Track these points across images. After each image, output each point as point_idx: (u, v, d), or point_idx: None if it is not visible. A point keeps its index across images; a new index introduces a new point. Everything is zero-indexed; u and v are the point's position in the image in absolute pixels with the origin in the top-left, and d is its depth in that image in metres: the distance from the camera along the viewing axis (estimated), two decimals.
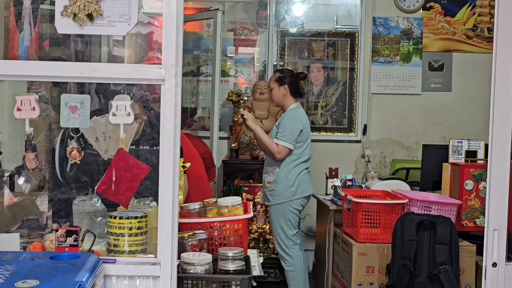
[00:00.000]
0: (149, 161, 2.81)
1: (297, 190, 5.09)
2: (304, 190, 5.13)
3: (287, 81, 5.25)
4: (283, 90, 5.23)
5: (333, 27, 7.15)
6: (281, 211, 5.08)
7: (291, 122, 5.08)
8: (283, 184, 5.07)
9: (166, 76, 2.63)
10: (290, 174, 5.07)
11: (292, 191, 5.07)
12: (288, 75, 5.30)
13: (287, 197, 5.07)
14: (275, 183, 5.08)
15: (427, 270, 3.97)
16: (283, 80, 5.25)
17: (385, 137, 7.12)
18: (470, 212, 4.36)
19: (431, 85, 7.10)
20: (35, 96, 2.76)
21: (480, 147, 4.59)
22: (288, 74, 5.31)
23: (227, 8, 7.18)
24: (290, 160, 5.07)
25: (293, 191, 5.08)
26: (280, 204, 5.08)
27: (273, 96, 5.31)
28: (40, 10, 3.07)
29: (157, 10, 2.78)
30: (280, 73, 5.36)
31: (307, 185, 5.17)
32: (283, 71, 5.40)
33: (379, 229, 4.36)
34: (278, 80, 5.27)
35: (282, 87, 5.23)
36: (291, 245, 5.11)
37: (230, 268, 2.95)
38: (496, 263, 2.93)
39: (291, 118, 5.11)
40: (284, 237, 5.10)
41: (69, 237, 2.60)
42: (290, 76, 5.29)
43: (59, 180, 3.09)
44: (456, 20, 7.07)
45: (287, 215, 5.07)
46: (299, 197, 5.11)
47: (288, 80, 5.25)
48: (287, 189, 5.07)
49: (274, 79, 5.33)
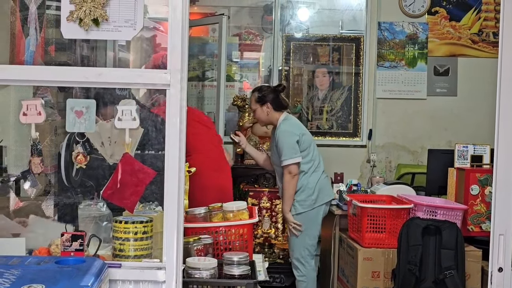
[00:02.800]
0: (155, 165, 2.81)
1: (318, 198, 4.96)
2: (325, 196, 4.99)
3: (268, 99, 5.08)
4: (266, 109, 5.08)
5: (338, 31, 7.15)
6: (302, 220, 4.93)
7: (285, 138, 4.89)
8: (304, 194, 4.94)
9: (171, 81, 2.63)
10: (309, 182, 4.95)
11: (313, 199, 4.94)
12: (267, 92, 5.13)
13: (308, 205, 4.94)
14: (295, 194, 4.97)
15: (432, 275, 3.96)
16: (263, 99, 5.09)
17: (390, 142, 7.11)
18: (476, 217, 4.35)
19: (437, 90, 7.10)
20: (41, 101, 2.77)
21: (485, 152, 4.58)
22: (267, 92, 5.14)
23: (232, 13, 7.19)
24: (305, 169, 4.94)
25: (314, 199, 4.95)
26: (301, 214, 4.95)
27: (258, 117, 5.19)
28: (46, 15, 3.08)
29: (162, 15, 2.79)
30: (259, 92, 5.17)
31: (328, 190, 5.03)
32: (261, 90, 5.21)
33: (384, 234, 4.36)
34: (259, 100, 5.12)
35: (264, 106, 5.08)
36: (307, 255, 4.91)
37: (235, 273, 2.95)
38: (502, 268, 2.92)
39: (284, 133, 4.92)
40: (302, 247, 4.90)
41: (75, 242, 2.60)
42: (269, 92, 5.13)
43: (64, 184, 3.10)
44: (462, 24, 7.06)
45: (309, 225, 4.96)
46: (321, 203, 4.98)
47: (268, 97, 5.09)
48: (307, 198, 4.93)
49: (254, 100, 5.16)
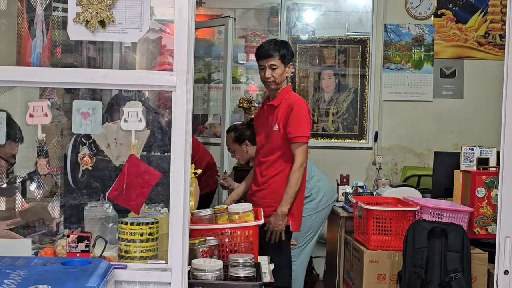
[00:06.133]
0: (160, 167, 2.81)
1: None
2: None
3: (245, 136, 5.10)
4: (245, 147, 5.10)
5: (344, 33, 7.16)
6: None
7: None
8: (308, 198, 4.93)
9: (177, 83, 2.63)
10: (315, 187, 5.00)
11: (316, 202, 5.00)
12: (243, 130, 5.14)
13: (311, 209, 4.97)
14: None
15: (438, 278, 3.95)
16: (241, 138, 5.11)
17: (396, 144, 7.10)
18: (482, 219, 4.34)
19: (443, 92, 7.09)
20: (47, 102, 2.77)
21: (492, 154, 4.57)
22: (243, 129, 5.15)
23: (238, 15, 7.20)
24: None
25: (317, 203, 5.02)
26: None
27: (239, 156, 5.20)
28: (52, 17, 3.08)
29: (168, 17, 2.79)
30: (235, 132, 5.18)
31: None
32: (237, 129, 5.21)
33: (390, 236, 4.35)
34: (236, 140, 5.13)
35: (243, 144, 5.10)
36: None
37: (241, 275, 2.95)
38: (508, 270, 2.91)
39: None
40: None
41: (81, 243, 2.60)
42: (245, 129, 5.14)
43: (70, 186, 3.10)
44: (468, 27, 7.05)
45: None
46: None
47: (245, 135, 5.11)
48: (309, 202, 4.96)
49: (232, 141, 5.16)
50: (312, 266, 6.24)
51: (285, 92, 4.29)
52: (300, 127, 4.15)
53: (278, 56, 4.30)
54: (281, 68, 4.31)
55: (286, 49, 4.36)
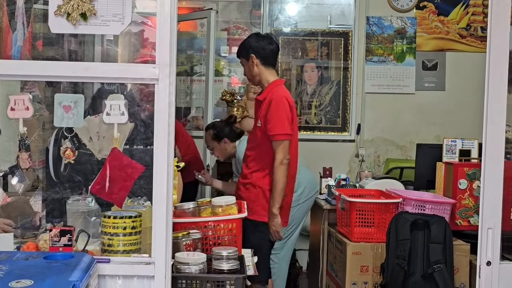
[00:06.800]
0: (143, 160, 2.81)
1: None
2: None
3: (223, 134, 5.08)
4: (224, 144, 5.08)
5: (327, 26, 7.16)
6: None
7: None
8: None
9: (160, 76, 2.63)
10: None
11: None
12: (222, 127, 5.13)
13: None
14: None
15: (421, 269, 3.97)
16: (219, 136, 5.09)
17: (379, 136, 7.13)
18: (464, 211, 4.37)
19: (425, 84, 7.12)
20: (29, 95, 2.76)
21: (473, 146, 4.60)
22: (221, 127, 5.13)
23: (220, 7, 7.18)
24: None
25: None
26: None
27: (218, 154, 5.18)
28: (33, 9, 3.06)
29: (150, 10, 2.78)
30: (213, 129, 5.15)
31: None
32: (215, 126, 5.19)
33: (373, 228, 4.36)
34: (215, 137, 5.11)
35: (222, 141, 5.08)
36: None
37: (225, 268, 2.95)
38: (491, 262, 2.93)
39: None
40: None
41: (63, 237, 2.59)
42: (224, 127, 5.13)
43: (53, 179, 3.09)
44: (450, 19, 7.08)
45: None
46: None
47: (224, 132, 5.09)
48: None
49: (210, 138, 5.14)
50: (295, 259, 6.25)
51: (271, 87, 4.24)
52: (279, 125, 4.10)
53: (240, 55, 4.33)
54: (246, 64, 4.30)
55: (242, 44, 4.34)
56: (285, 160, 4.10)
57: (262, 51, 4.26)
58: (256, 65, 4.26)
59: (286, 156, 4.11)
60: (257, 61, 4.25)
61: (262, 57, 4.26)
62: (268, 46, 4.28)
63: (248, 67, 4.29)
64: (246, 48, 4.29)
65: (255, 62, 4.25)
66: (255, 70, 4.27)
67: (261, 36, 4.41)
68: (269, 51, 4.28)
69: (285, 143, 4.11)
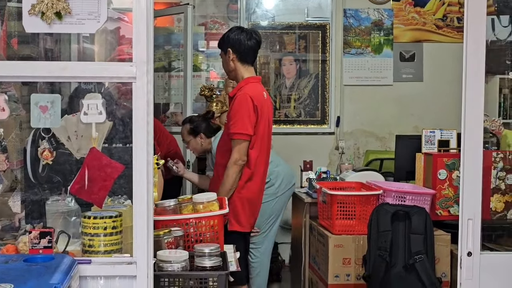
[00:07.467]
0: (123, 159, 2.79)
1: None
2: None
3: (200, 129, 5.05)
4: (200, 140, 5.05)
5: (304, 19, 7.16)
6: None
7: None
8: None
9: (137, 74, 2.60)
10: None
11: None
12: (199, 122, 5.08)
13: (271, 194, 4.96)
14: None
15: (403, 260, 3.99)
16: (196, 130, 5.06)
17: (358, 129, 7.15)
18: (444, 201, 4.39)
19: (403, 76, 7.15)
20: (4, 96, 2.72)
21: (452, 137, 4.62)
22: (199, 122, 5.09)
23: (197, 2, 7.14)
24: None
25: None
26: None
27: (192, 148, 5.15)
28: (7, 8, 3.02)
29: (126, 6, 2.75)
30: (190, 124, 5.11)
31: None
32: (192, 121, 5.14)
33: (354, 220, 4.38)
34: (191, 132, 5.08)
35: (198, 136, 5.05)
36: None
37: (207, 265, 2.94)
38: (471, 252, 2.96)
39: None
40: None
41: (43, 239, 2.56)
42: (201, 122, 5.09)
43: (31, 180, 3.06)
44: (426, 10, 7.11)
45: None
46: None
47: (201, 127, 5.06)
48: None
49: (187, 133, 5.10)
50: (277, 252, 6.26)
51: (242, 84, 4.16)
52: (239, 124, 3.99)
53: (220, 47, 4.27)
54: (223, 58, 4.26)
55: (222, 37, 4.28)
56: (240, 161, 4.00)
57: (239, 46, 4.19)
58: (232, 60, 4.21)
59: (242, 157, 4.00)
60: (234, 56, 4.20)
61: (239, 52, 4.20)
62: (246, 42, 4.21)
63: (225, 61, 4.25)
64: (225, 42, 4.24)
65: (231, 57, 4.20)
66: (231, 65, 4.22)
67: (243, 30, 4.31)
68: (247, 47, 4.21)
69: (243, 144, 4.00)
